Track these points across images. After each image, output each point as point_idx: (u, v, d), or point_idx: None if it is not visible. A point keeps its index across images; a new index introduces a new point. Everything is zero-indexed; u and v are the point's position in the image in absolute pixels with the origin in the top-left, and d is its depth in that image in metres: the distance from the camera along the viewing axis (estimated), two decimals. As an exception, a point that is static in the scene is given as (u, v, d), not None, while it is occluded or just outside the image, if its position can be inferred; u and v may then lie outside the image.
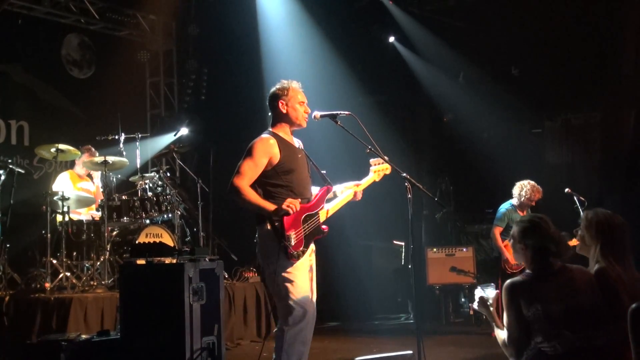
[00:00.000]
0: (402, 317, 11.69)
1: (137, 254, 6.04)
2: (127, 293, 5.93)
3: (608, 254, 4.17)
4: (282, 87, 5.45)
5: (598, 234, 4.24)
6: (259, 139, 5.31)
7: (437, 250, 11.07)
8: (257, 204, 5.11)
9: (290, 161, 5.30)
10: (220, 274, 5.96)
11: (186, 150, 11.20)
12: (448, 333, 9.94)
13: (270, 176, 5.24)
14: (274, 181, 5.23)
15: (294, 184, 5.29)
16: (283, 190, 5.23)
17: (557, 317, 3.94)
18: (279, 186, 5.24)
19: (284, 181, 5.25)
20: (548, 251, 4.10)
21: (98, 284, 8.39)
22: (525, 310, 4.02)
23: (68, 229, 8.72)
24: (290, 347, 5.10)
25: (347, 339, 9.58)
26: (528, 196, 9.16)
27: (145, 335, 5.65)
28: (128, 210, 9.04)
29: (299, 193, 5.30)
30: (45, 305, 7.70)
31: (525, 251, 4.18)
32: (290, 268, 5.12)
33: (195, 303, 5.54)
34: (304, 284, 5.20)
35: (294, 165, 5.34)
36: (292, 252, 5.07)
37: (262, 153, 5.21)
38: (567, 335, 3.89)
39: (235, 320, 9.02)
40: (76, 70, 12.22)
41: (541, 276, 4.09)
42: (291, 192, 5.24)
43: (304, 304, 5.15)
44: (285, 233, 5.06)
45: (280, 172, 5.25)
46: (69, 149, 9.12)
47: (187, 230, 10.21)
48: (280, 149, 5.26)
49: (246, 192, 5.11)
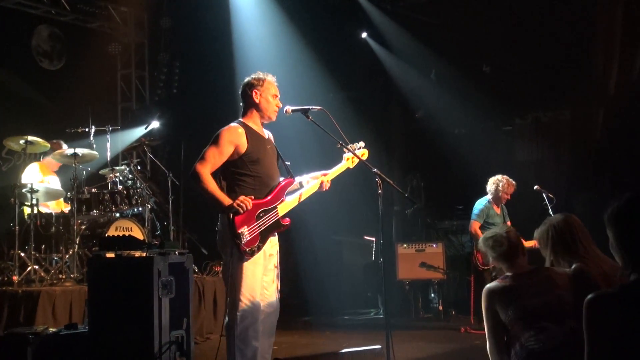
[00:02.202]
0: (371, 312, 11.72)
1: (106, 247, 6.00)
2: (96, 286, 5.90)
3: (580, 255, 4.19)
4: (258, 77, 5.47)
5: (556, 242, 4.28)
6: (227, 127, 5.33)
7: (407, 245, 11.12)
8: (213, 194, 5.12)
9: (257, 151, 5.32)
10: (189, 268, 5.94)
11: (157, 143, 11.14)
12: (417, 328, 9.96)
13: (238, 165, 5.26)
14: (240, 170, 5.26)
15: (260, 174, 5.31)
16: (249, 180, 5.26)
17: (537, 311, 3.96)
18: (246, 175, 5.26)
19: (251, 171, 5.27)
20: (515, 253, 4.23)
21: (66, 277, 8.32)
22: (503, 314, 4.05)
23: (37, 221, 8.65)
24: (243, 342, 5.11)
25: (317, 334, 9.58)
26: (504, 190, 9.28)
27: (113, 328, 5.61)
28: (98, 204, 9.00)
29: (265, 184, 5.32)
30: (12, 298, 7.62)
31: (497, 259, 4.29)
32: (245, 263, 5.13)
33: (164, 297, 5.52)
34: (257, 280, 5.21)
35: (262, 155, 5.35)
36: (245, 249, 5.09)
37: (228, 141, 5.23)
38: (552, 329, 3.91)
39: (205, 315, 8.99)
40: (46, 62, 12.11)
41: (516, 277, 4.15)
42: (257, 182, 5.27)
43: (254, 301, 5.16)
44: (237, 230, 5.07)
45: (247, 162, 5.27)
46: (38, 141, 9.03)
47: (158, 224, 10.16)
48: (248, 139, 5.28)
49: (206, 180, 5.13)
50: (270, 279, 5.41)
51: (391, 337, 5.12)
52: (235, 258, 5.12)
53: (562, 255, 4.24)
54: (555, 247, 4.26)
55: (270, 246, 5.37)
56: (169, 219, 10.16)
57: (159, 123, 11.73)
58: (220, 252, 5.43)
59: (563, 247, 4.24)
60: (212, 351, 7.99)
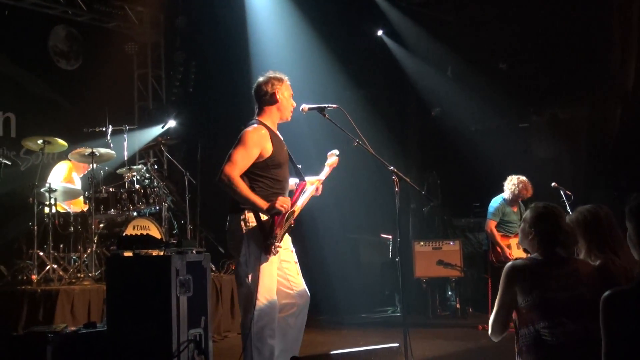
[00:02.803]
0: (389, 310, 11.71)
1: (124, 246, 6.01)
2: (114, 285, 5.91)
3: (604, 249, 4.15)
4: (278, 76, 5.40)
5: (587, 232, 4.23)
6: (252, 128, 5.24)
7: (424, 243, 11.10)
8: (247, 197, 5.07)
9: (280, 155, 5.27)
10: (207, 266, 5.94)
11: (174, 142, 11.16)
12: (434, 326, 9.96)
13: (259, 167, 5.19)
14: (261, 172, 5.20)
15: (280, 178, 5.28)
16: (269, 182, 5.21)
17: (558, 306, 3.90)
18: (266, 177, 5.21)
19: (273, 174, 5.22)
20: (556, 240, 4.08)
21: (85, 276, 8.37)
22: (521, 297, 3.98)
23: (55, 220, 8.70)
24: (259, 341, 5.10)
25: (334, 332, 9.58)
26: (521, 195, 9.29)
27: (131, 327, 5.63)
28: (115, 203, 9.03)
29: (283, 187, 5.30)
30: (31, 297, 7.68)
31: (533, 236, 4.14)
32: (264, 263, 5.12)
33: (182, 295, 5.53)
34: (273, 279, 5.21)
35: (283, 159, 5.32)
36: (277, 249, 5.09)
37: (255, 143, 5.15)
38: (569, 326, 3.88)
39: (222, 313, 9.02)
40: (63, 62, 12.16)
41: (545, 263, 4.05)
42: (276, 186, 5.24)
43: (271, 300, 5.16)
44: (275, 231, 5.05)
45: (270, 166, 5.21)
46: (56, 141, 9.08)
47: (175, 223, 10.20)
48: (273, 142, 5.22)
49: (237, 183, 5.06)
50: (295, 272, 5.41)
51: (409, 335, 5.12)
52: (253, 258, 5.11)
53: (596, 246, 4.18)
54: (589, 237, 4.20)
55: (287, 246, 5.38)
56: (186, 217, 10.18)
57: (175, 122, 11.76)
58: (231, 252, 5.43)
59: (597, 237, 4.19)
60: (230, 350, 8.05)
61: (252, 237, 5.13)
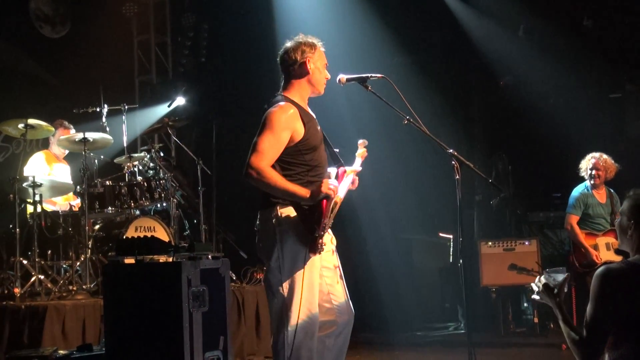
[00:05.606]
0: (450, 327, 11.74)
1: (125, 252, 6.06)
2: (113, 299, 5.96)
3: None
4: (309, 42, 5.37)
5: None
6: (278, 107, 5.20)
7: (492, 244, 11.06)
8: (285, 189, 5.04)
9: (314, 136, 5.24)
10: (226, 275, 5.98)
11: (183, 124, 11.21)
12: (507, 345, 9.95)
13: (289, 153, 5.16)
14: (291, 159, 5.17)
15: (316, 163, 5.24)
16: (301, 170, 5.18)
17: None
18: (296, 165, 5.18)
19: (306, 160, 5.19)
20: None
21: (78, 288, 8.42)
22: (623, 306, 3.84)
23: (41, 222, 8.75)
24: None
25: (383, 354, 9.61)
26: (591, 171, 9.20)
27: (135, 350, 5.68)
28: (113, 199, 9.07)
29: (321, 174, 5.25)
30: (14, 315, 7.73)
31: (633, 231, 4.04)
32: (303, 269, 5.08)
33: (196, 311, 5.57)
34: (315, 288, 5.18)
35: (317, 141, 5.27)
36: (320, 245, 5.05)
37: (284, 126, 5.11)
38: None
39: (245, 332, 9.05)
40: (48, 29, 12.23)
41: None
42: (312, 173, 5.19)
43: (310, 315, 5.11)
44: (323, 221, 5.02)
45: (303, 151, 5.18)
46: (41, 125, 9.10)
47: (186, 222, 10.25)
48: (304, 121, 5.19)
49: (269, 175, 5.03)
50: (336, 280, 5.38)
51: (475, 356, 5.11)
52: (289, 261, 5.07)
53: None
54: None
55: (330, 241, 5.37)
56: (199, 215, 10.23)
57: (184, 99, 11.83)
58: (260, 256, 5.42)
59: None
60: (255, 376, 8.10)
61: (289, 236, 5.10)
